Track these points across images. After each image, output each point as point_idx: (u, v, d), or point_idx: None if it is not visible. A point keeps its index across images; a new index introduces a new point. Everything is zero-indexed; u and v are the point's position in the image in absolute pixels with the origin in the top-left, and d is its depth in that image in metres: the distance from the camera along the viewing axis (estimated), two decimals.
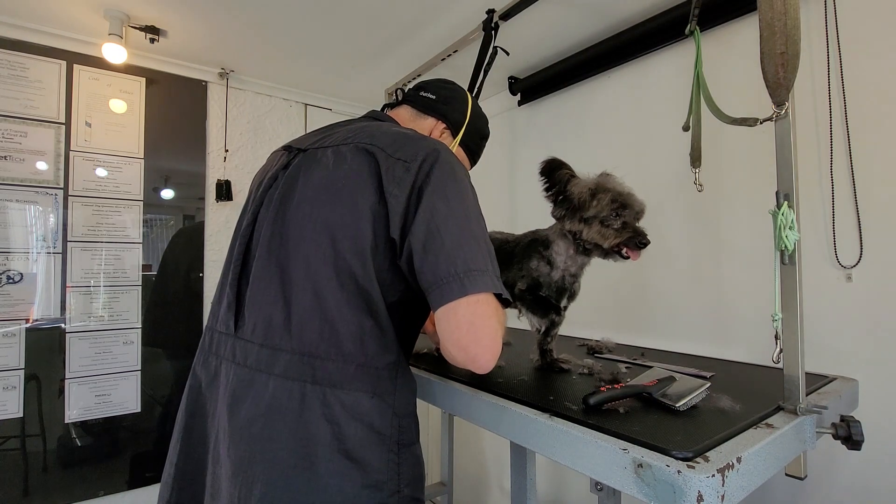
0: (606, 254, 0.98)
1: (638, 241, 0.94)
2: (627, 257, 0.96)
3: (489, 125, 1.20)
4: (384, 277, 0.79)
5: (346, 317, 0.77)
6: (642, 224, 0.98)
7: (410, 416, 0.84)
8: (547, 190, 1.04)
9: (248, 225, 0.88)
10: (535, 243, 1.09)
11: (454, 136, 1.09)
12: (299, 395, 0.76)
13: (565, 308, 1.09)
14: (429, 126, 1.07)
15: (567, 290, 1.07)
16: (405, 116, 1.08)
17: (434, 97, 1.08)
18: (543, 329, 1.08)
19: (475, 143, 1.14)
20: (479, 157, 1.20)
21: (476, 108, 1.14)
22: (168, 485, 0.88)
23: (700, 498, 0.55)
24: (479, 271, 0.72)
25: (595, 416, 0.75)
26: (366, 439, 0.77)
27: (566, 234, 1.02)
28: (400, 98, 1.11)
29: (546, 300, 1.06)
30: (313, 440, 0.75)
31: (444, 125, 1.07)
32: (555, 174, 1.02)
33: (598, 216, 0.95)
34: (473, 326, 0.71)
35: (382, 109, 1.09)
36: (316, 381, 0.77)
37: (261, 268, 0.82)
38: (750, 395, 0.84)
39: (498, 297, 0.75)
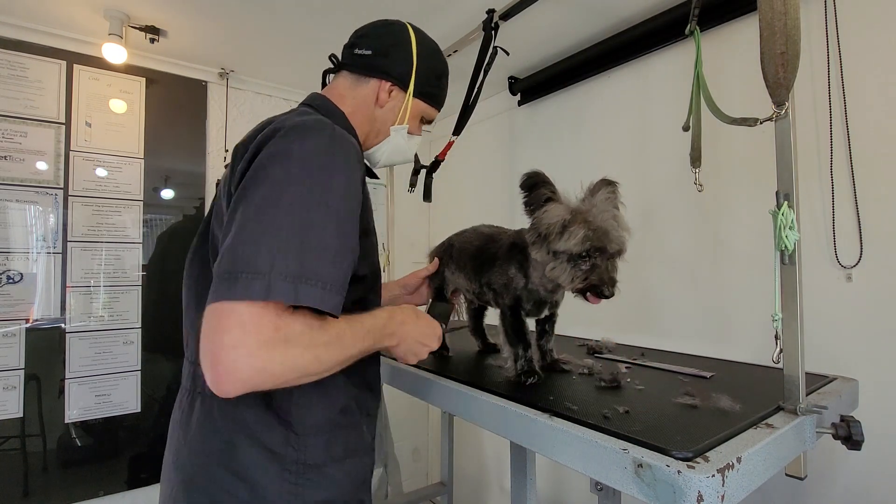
0: (573, 293, 0.90)
1: (600, 291, 0.84)
2: (592, 302, 0.87)
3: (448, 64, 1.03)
4: None
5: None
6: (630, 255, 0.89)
7: (322, 433, 0.75)
8: (526, 205, 0.94)
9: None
10: (515, 249, 1.02)
11: (405, 90, 0.94)
12: (189, 405, 0.76)
13: (552, 315, 1.07)
14: (371, 92, 0.92)
15: (546, 302, 1.02)
16: (343, 88, 0.93)
17: (371, 52, 0.92)
18: (511, 359, 0.99)
19: (432, 86, 0.98)
20: (443, 97, 1.03)
21: (423, 44, 0.96)
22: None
23: (700, 498, 0.55)
24: (251, 273, 0.58)
25: (594, 416, 0.75)
26: (256, 457, 0.71)
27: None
28: (337, 63, 0.96)
29: (521, 330, 1.00)
30: (207, 453, 0.72)
31: (390, 83, 0.92)
32: (532, 192, 0.92)
33: (566, 252, 0.85)
34: (209, 340, 0.58)
35: (325, 80, 0.98)
36: (206, 392, 0.73)
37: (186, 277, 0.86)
38: (750, 395, 0.84)
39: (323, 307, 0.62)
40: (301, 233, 0.62)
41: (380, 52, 0.92)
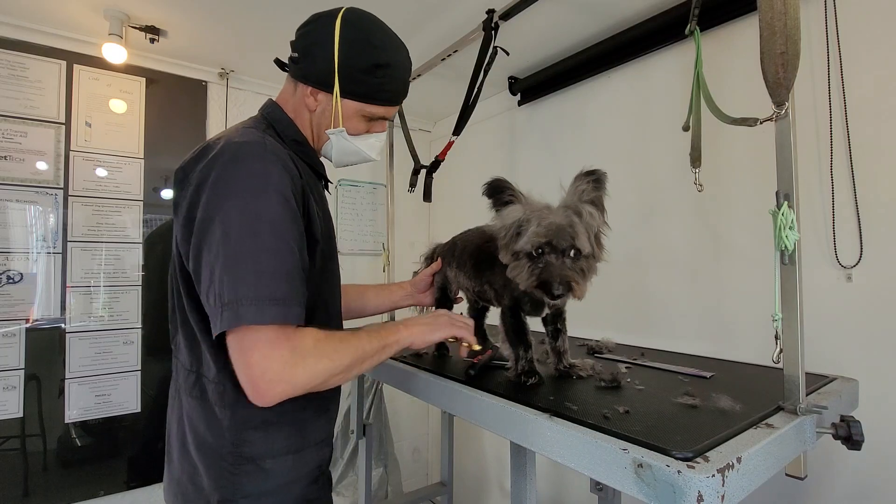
0: (532, 293, 0.87)
1: (546, 289, 0.82)
2: (549, 302, 0.86)
3: (394, 49, 0.89)
4: (193, 294, 0.80)
5: (184, 329, 0.84)
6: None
7: (258, 430, 0.80)
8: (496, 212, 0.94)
9: None
10: None
11: (330, 91, 0.88)
12: (171, 393, 0.91)
13: (559, 325, 1.05)
14: (301, 97, 0.90)
15: (545, 302, 1.00)
16: (286, 93, 0.93)
17: (297, 54, 0.89)
18: (512, 359, 0.99)
19: (361, 83, 0.87)
20: (385, 91, 0.90)
21: (347, 37, 0.85)
22: None
23: (700, 498, 0.55)
24: (231, 303, 0.68)
25: (594, 416, 0.75)
26: (200, 446, 0.81)
27: None
28: (280, 67, 0.95)
29: (522, 330, 0.99)
30: (176, 436, 0.86)
31: (311, 88, 0.88)
32: (494, 197, 0.92)
33: (524, 252, 0.85)
34: (240, 363, 0.71)
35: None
36: (177, 385, 0.88)
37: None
38: (750, 395, 0.84)
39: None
40: (253, 264, 0.70)
41: (302, 53, 0.88)
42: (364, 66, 0.86)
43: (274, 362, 0.69)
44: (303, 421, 0.86)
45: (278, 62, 0.95)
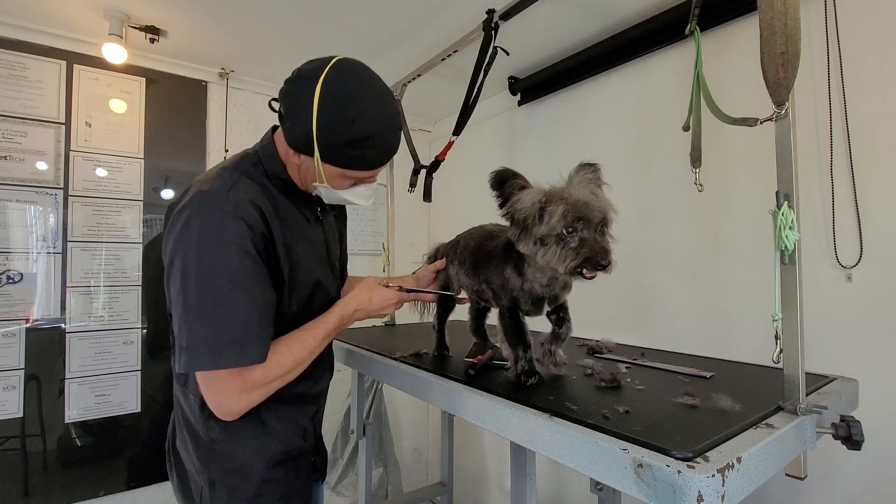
0: (569, 275, 0.85)
1: (595, 262, 0.80)
2: (589, 277, 0.83)
3: (375, 119, 0.85)
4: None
5: (172, 333, 0.90)
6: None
7: (238, 463, 0.93)
8: (501, 206, 0.91)
9: None
10: (511, 248, 0.99)
11: (311, 155, 0.87)
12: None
13: (561, 314, 1.06)
14: (284, 152, 0.94)
15: (544, 298, 0.99)
16: (279, 134, 0.95)
17: (280, 111, 0.89)
18: (511, 360, 0.98)
19: (340, 157, 0.86)
20: (366, 161, 0.88)
21: (326, 109, 0.82)
22: None
23: (700, 498, 0.55)
24: (188, 349, 0.79)
25: (594, 416, 0.75)
26: (186, 427, 0.96)
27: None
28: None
29: (520, 331, 0.98)
30: (176, 413, 1.01)
31: (293, 151, 0.89)
32: (503, 187, 0.89)
33: (552, 234, 0.82)
34: (202, 392, 0.85)
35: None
36: (175, 380, 1.01)
37: None
38: (750, 395, 0.84)
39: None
40: (209, 314, 0.79)
41: (284, 113, 0.88)
42: (342, 142, 0.84)
43: (226, 398, 0.83)
44: (264, 411, 0.95)
45: (271, 106, 0.95)
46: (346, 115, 0.83)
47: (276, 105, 0.92)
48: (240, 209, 0.83)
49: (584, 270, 0.81)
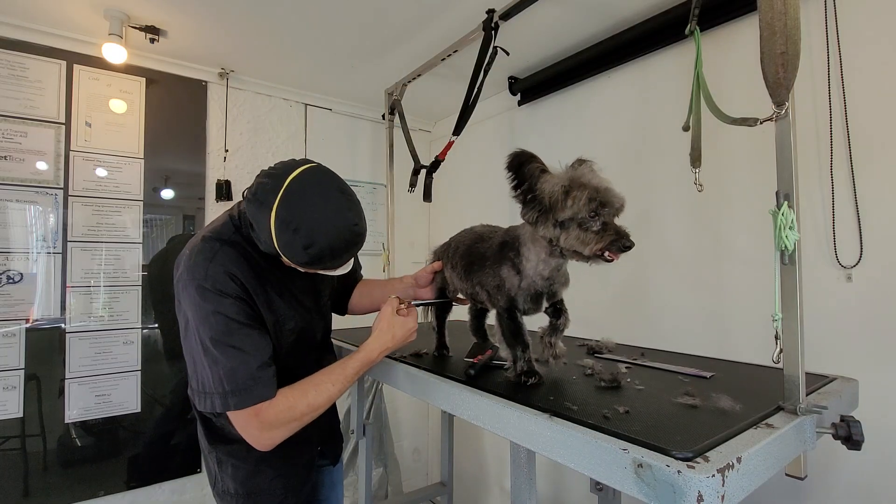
0: (588, 259, 0.88)
1: (621, 244, 0.83)
2: (610, 260, 0.85)
3: (328, 236, 0.89)
4: None
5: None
6: (622, 220, 0.89)
7: (235, 443, 1.05)
8: (515, 188, 0.91)
9: None
10: (506, 248, 1.00)
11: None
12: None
13: (557, 305, 1.05)
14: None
15: (543, 293, 0.99)
16: None
17: (249, 217, 0.95)
18: (510, 360, 0.98)
19: (304, 265, 0.93)
20: (329, 267, 0.95)
21: (280, 233, 0.88)
22: None
23: (700, 498, 0.55)
24: (203, 394, 0.94)
25: (594, 416, 0.75)
26: (199, 416, 1.10)
27: (539, 238, 0.92)
28: None
29: (519, 331, 0.98)
30: (193, 406, 1.05)
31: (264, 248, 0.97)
32: (523, 169, 0.90)
33: (575, 218, 0.84)
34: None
35: None
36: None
37: None
38: (750, 395, 0.84)
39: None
40: (213, 366, 0.92)
41: (251, 219, 0.94)
42: (302, 260, 0.91)
43: (249, 433, 0.95)
44: None
45: (243, 195, 1.02)
46: (299, 241, 0.88)
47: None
48: (218, 283, 0.93)
49: (607, 253, 0.84)
